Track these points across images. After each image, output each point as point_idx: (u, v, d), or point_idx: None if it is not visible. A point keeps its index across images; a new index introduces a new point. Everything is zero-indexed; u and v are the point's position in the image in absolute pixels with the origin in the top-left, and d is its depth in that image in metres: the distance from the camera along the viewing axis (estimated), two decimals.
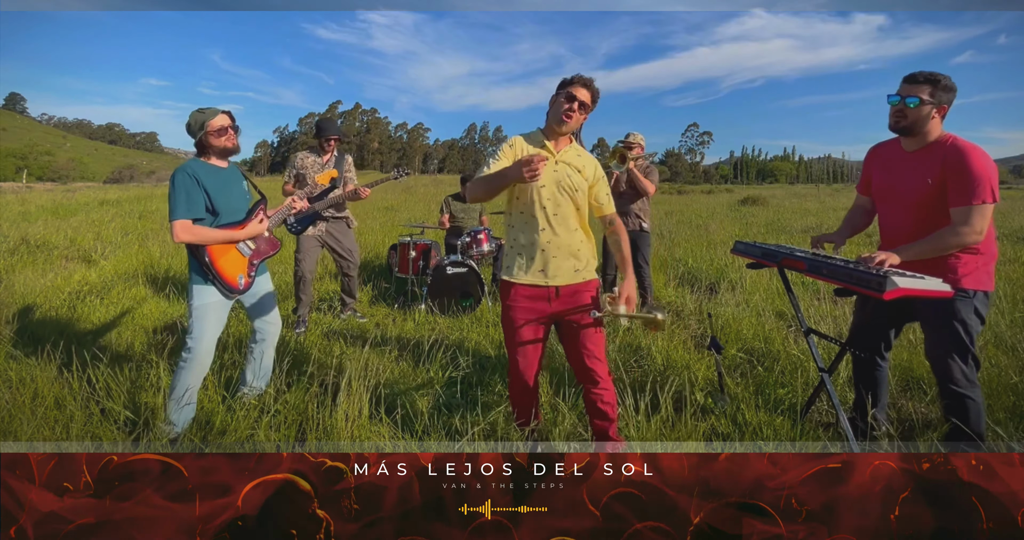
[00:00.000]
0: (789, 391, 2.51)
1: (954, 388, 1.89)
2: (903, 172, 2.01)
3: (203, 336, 2.17)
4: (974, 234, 1.81)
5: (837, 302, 3.97)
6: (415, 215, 10.76)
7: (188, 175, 2.12)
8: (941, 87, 1.90)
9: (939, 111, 1.92)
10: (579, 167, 1.96)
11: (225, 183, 2.23)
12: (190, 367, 2.17)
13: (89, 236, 7.31)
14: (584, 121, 1.99)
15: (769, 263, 2.19)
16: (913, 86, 1.94)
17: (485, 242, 4.48)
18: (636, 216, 3.89)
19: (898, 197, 2.04)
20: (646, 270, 3.90)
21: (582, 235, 1.98)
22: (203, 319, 2.18)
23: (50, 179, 44.59)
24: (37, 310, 3.76)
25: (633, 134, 3.87)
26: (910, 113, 1.93)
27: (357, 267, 3.95)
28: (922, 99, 1.90)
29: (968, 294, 1.88)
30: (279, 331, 2.54)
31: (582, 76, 1.90)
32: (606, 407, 1.94)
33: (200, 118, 2.19)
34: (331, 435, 2.08)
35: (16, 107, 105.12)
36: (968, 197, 1.81)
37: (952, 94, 1.92)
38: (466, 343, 3.31)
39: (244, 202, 2.33)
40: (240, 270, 2.24)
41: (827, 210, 13.71)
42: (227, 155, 2.29)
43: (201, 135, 2.19)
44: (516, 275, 1.96)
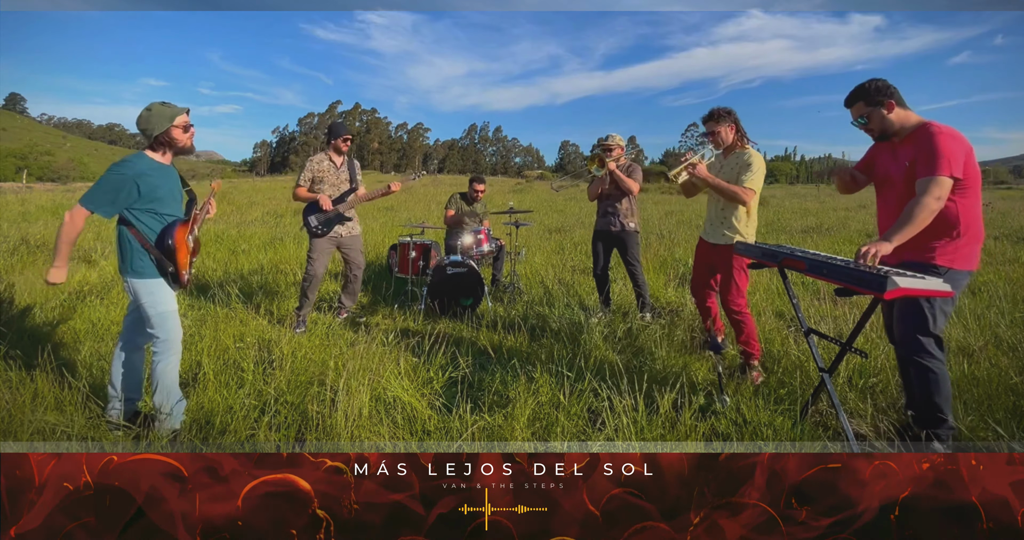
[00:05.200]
0: (789, 391, 2.51)
1: (914, 358, 1.96)
2: (891, 162, 2.15)
3: (165, 322, 2.15)
4: (933, 201, 1.87)
5: (837, 302, 3.97)
6: (415, 215, 10.76)
7: (129, 177, 2.05)
8: (871, 93, 2.08)
9: (888, 107, 2.06)
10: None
11: (167, 180, 2.18)
12: (167, 356, 2.16)
13: (89, 236, 7.30)
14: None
15: (769, 263, 2.19)
16: (853, 109, 2.16)
17: (485, 242, 4.48)
18: (621, 215, 3.90)
19: (889, 185, 2.17)
20: (638, 268, 3.91)
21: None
22: (162, 305, 2.15)
23: (50, 179, 44.57)
24: (37, 310, 3.76)
25: (611, 136, 3.90)
26: (872, 126, 2.13)
27: (362, 268, 4.01)
28: (866, 114, 2.11)
29: (939, 271, 1.96)
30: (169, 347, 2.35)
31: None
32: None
33: (169, 111, 2.12)
34: (331, 435, 2.08)
35: (16, 107, 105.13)
36: (930, 169, 1.91)
37: (885, 89, 2.07)
38: (466, 343, 3.31)
39: (180, 199, 2.30)
40: (184, 266, 2.21)
41: (827, 210, 13.70)
42: (184, 153, 2.25)
43: (167, 128, 2.12)
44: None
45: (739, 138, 2.90)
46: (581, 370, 2.69)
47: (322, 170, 3.76)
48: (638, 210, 4.00)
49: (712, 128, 2.89)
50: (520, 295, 4.53)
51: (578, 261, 6.25)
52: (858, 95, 2.12)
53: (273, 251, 6.70)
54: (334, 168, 3.80)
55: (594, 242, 4.06)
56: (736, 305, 2.83)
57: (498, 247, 4.72)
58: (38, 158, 52.38)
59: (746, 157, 2.81)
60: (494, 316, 3.86)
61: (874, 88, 2.08)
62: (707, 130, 2.92)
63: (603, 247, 4.02)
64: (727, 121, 2.87)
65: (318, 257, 3.73)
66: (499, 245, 4.78)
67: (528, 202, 15.71)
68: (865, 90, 2.10)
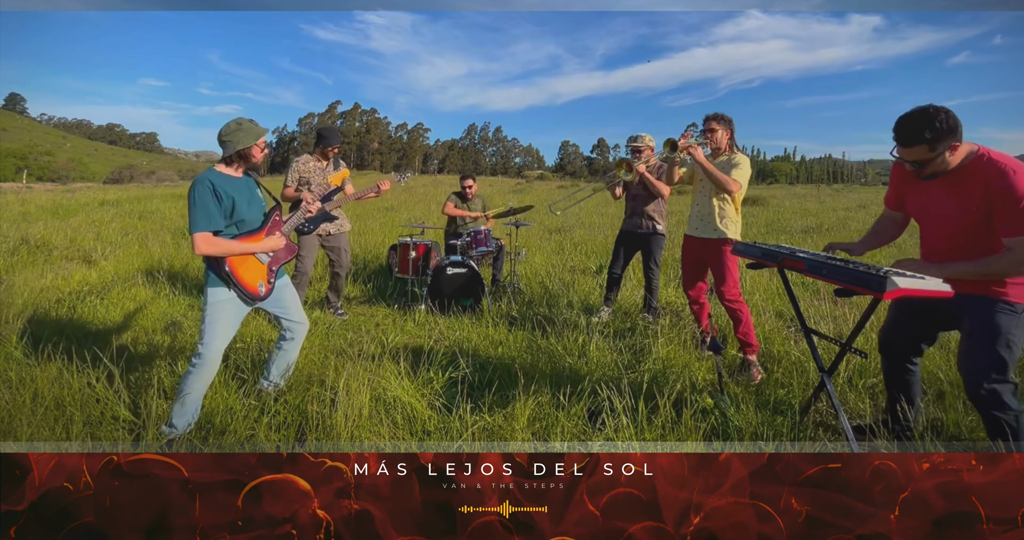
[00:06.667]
0: (789, 391, 2.51)
1: (993, 413, 1.74)
2: (938, 193, 1.84)
3: (213, 341, 2.14)
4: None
5: (837, 302, 3.97)
6: (415, 215, 10.76)
7: (207, 187, 2.08)
8: (941, 135, 1.67)
9: (953, 150, 1.71)
10: None
11: (241, 192, 2.21)
12: (198, 372, 2.13)
13: (89, 236, 7.30)
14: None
15: (769, 263, 2.19)
16: (910, 151, 1.75)
17: (485, 242, 4.48)
18: (649, 217, 3.86)
19: (934, 219, 1.89)
20: (656, 273, 3.87)
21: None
22: (215, 322, 2.14)
23: (50, 179, 44.56)
24: (37, 310, 3.76)
25: (641, 136, 3.82)
26: (926, 169, 1.77)
27: (347, 267, 4.05)
28: (926, 160, 1.73)
29: (1016, 309, 1.72)
30: (307, 329, 2.55)
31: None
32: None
33: (257, 129, 2.19)
34: (331, 435, 2.08)
35: (16, 107, 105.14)
36: (1022, 228, 1.63)
37: (956, 131, 1.68)
38: (466, 343, 3.31)
39: (260, 209, 2.32)
40: (260, 277, 2.23)
41: (827, 210, 13.70)
42: (255, 168, 2.30)
43: (251, 146, 2.18)
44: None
45: (730, 145, 3.05)
46: (581, 370, 2.69)
47: (308, 171, 3.79)
48: (665, 213, 3.97)
49: (712, 126, 3.01)
50: (520, 295, 4.53)
51: (578, 261, 6.25)
52: (923, 135, 1.69)
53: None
54: (320, 169, 3.84)
55: (617, 242, 4.02)
56: (732, 295, 2.92)
57: (498, 247, 4.71)
58: (38, 158, 52.37)
59: (735, 159, 2.98)
60: (494, 316, 3.86)
61: (946, 128, 1.66)
62: (706, 127, 3.03)
63: (626, 248, 3.99)
64: (726, 126, 3.03)
65: (306, 255, 3.80)
66: (499, 245, 4.77)
67: (528, 202, 15.70)
68: (935, 130, 1.66)
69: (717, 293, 2.98)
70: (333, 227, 3.88)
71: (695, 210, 3.13)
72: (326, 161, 3.87)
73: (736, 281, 2.94)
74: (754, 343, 2.90)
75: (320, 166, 3.83)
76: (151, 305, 4.06)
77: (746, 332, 2.89)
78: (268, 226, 2.30)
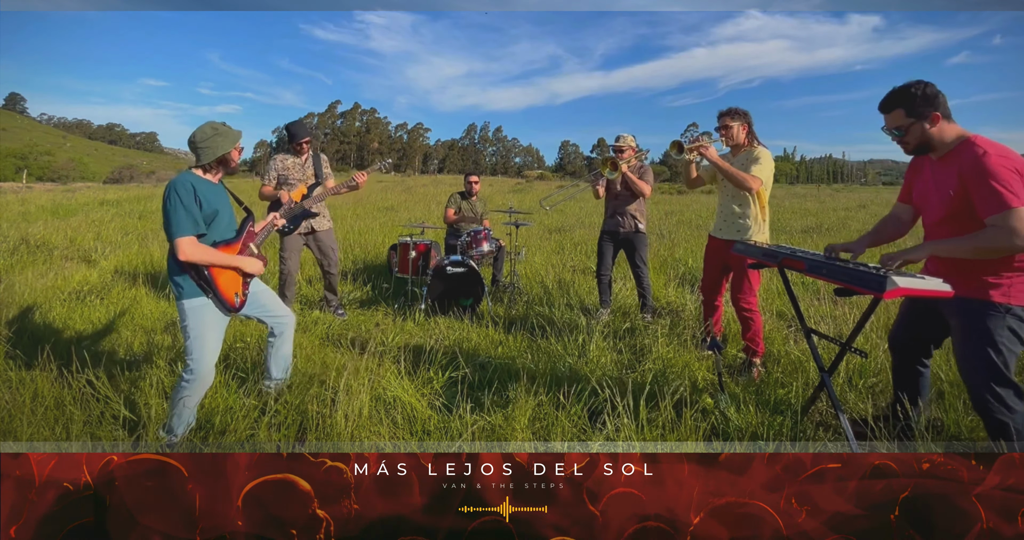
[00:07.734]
0: (789, 391, 2.51)
1: (996, 416, 1.73)
2: (931, 182, 1.90)
3: (203, 356, 2.07)
4: (1017, 239, 1.59)
5: (837, 302, 3.97)
6: (415, 215, 10.76)
7: (189, 190, 1.98)
8: (916, 101, 1.75)
9: (932, 120, 1.76)
10: None
11: (221, 199, 2.15)
12: (192, 387, 2.07)
13: (89, 236, 7.30)
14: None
15: (769, 263, 2.19)
16: (889, 116, 1.83)
17: (485, 242, 4.48)
18: (632, 217, 3.89)
19: (928, 206, 1.93)
20: (644, 270, 3.90)
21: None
22: (202, 338, 2.06)
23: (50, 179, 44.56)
24: (37, 310, 3.76)
25: (623, 136, 3.87)
26: (908, 139, 1.83)
27: (337, 264, 4.01)
28: (904, 126, 1.79)
29: (998, 309, 1.70)
30: (294, 320, 2.51)
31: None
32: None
33: (233, 133, 2.12)
34: (331, 435, 2.08)
35: (16, 107, 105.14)
36: (997, 204, 1.62)
37: (934, 98, 1.74)
38: (466, 343, 3.31)
39: (233, 218, 2.26)
40: (236, 288, 2.17)
41: (827, 210, 13.70)
42: (232, 172, 2.25)
43: (230, 150, 2.12)
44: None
45: (750, 139, 2.92)
46: (581, 370, 2.69)
47: (287, 168, 3.77)
48: (647, 212, 4.00)
49: (726, 122, 2.89)
50: (520, 295, 4.53)
51: (578, 261, 6.25)
52: (898, 100, 1.78)
53: (273, 250, 6.68)
54: (299, 164, 3.81)
55: (601, 242, 4.04)
56: (747, 303, 2.85)
57: (498, 247, 4.72)
58: (38, 158, 52.36)
59: (755, 153, 2.84)
60: (494, 316, 3.86)
61: (921, 95, 1.73)
62: (720, 124, 2.92)
63: (610, 248, 4.01)
64: (741, 120, 2.90)
65: (290, 255, 3.77)
66: (499, 245, 4.78)
67: (528, 202, 15.71)
68: (909, 96, 1.75)
69: (732, 299, 2.91)
70: (316, 223, 3.82)
71: (719, 210, 3.05)
72: (303, 155, 3.84)
73: (754, 289, 2.84)
74: (759, 349, 2.86)
75: (298, 161, 3.81)
76: (151, 305, 4.06)
77: (754, 338, 2.85)
78: (243, 237, 2.22)
